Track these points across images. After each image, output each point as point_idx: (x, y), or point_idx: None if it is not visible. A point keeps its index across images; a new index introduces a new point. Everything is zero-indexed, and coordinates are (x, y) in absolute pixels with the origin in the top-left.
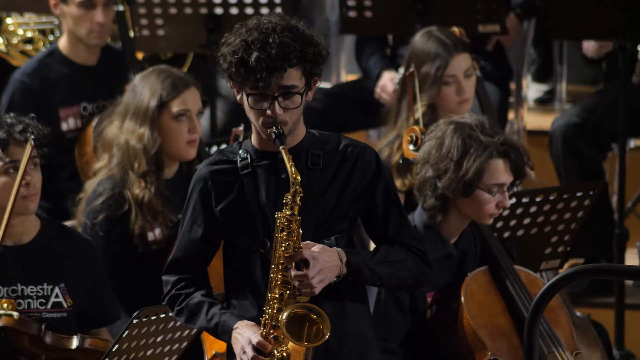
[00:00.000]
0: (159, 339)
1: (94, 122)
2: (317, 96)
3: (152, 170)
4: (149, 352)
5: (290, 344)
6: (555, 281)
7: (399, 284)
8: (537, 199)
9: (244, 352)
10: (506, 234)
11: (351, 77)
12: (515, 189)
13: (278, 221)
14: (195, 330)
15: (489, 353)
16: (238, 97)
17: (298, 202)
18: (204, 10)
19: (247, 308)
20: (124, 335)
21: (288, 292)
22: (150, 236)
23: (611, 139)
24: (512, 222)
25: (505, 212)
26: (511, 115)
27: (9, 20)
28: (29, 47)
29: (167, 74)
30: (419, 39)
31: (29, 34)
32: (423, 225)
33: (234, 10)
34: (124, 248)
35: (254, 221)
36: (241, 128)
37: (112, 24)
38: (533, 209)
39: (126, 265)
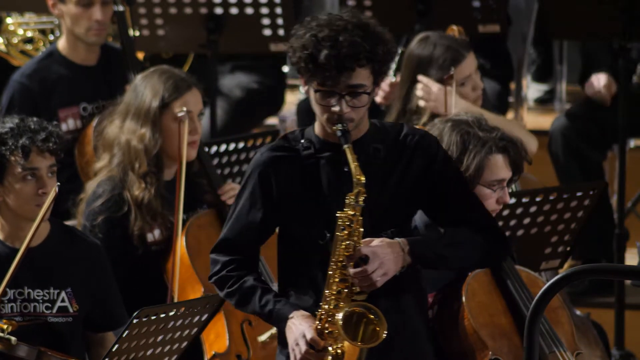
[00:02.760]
0: (159, 339)
1: (94, 122)
2: None
3: (152, 171)
4: (149, 352)
5: (346, 342)
6: (555, 281)
7: (468, 264)
8: (537, 199)
9: (297, 344)
10: (506, 234)
11: None
12: (513, 185)
13: (340, 220)
14: (195, 330)
15: (490, 353)
16: (304, 89)
17: (360, 202)
18: (204, 10)
19: (302, 298)
20: (124, 335)
21: (346, 290)
22: (150, 237)
23: (611, 138)
24: (512, 222)
25: (505, 212)
26: (511, 115)
27: (9, 20)
28: (29, 47)
29: (169, 74)
30: (418, 46)
31: (29, 34)
32: (424, 224)
33: (234, 10)
34: (123, 249)
35: (313, 212)
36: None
37: (111, 24)
38: (533, 209)
39: (126, 266)
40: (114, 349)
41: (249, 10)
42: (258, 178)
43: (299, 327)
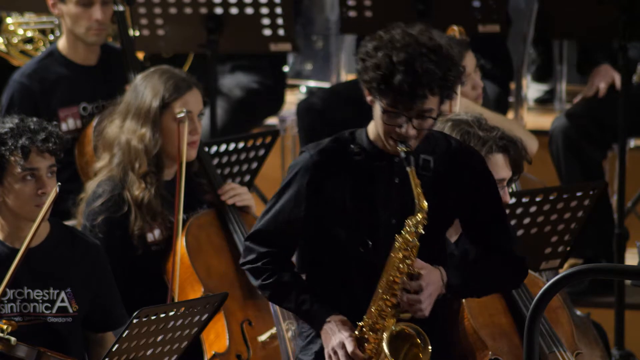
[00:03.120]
0: (159, 339)
1: (94, 122)
2: (317, 95)
3: (152, 171)
4: (149, 352)
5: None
6: (555, 281)
7: (489, 293)
8: (537, 199)
9: (335, 353)
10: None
11: (351, 77)
12: (513, 185)
13: (397, 243)
14: (195, 330)
15: (490, 352)
16: (369, 99)
17: (420, 230)
18: (204, 10)
19: (334, 301)
20: (123, 335)
21: (390, 308)
22: (150, 237)
23: (611, 138)
24: (512, 222)
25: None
26: (511, 115)
27: (9, 20)
28: (29, 47)
29: (170, 74)
30: None
31: (29, 34)
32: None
33: (234, 10)
34: (123, 249)
35: (358, 218)
36: None
37: (111, 24)
38: (533, 209)
39: (126, 266)
40: (114, 349)
41: (249, 10)
42: (306, 179)
43: (338, 335)
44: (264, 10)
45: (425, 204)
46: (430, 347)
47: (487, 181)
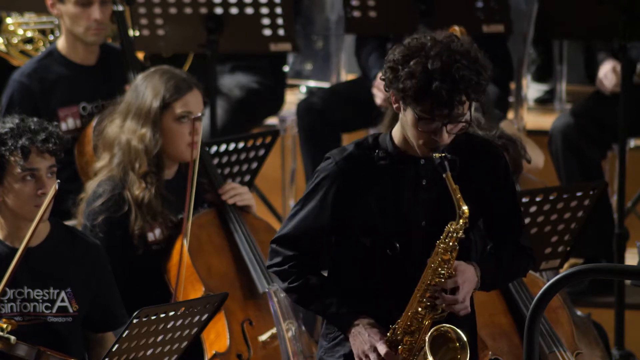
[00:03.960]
0: (159, 339)
1: (93, 122)
2: (317, 95)
3: (153, 171)
4: (149, 352)
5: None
6: (555, 281)
7: (507, 283)
8: (537, 199)
9: (366, 356)
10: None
11: (351, 77)
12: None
13: (439, 249)
14: (195, 330)
15: (490, 352)
16: (396, 106)
17: (461, 235)
18: (204, 10)
19: (363, 305)
20: (124, 335)
21: (427, 310)
22: (150, 237)
23: (611, 138)
24: None
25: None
26: (511, 115)
27: (9, 20)
28: (29, 47)
29: (170, 75)
30: None
31: (29, 34)
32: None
33: (234, 10)
34: (124, 249)
35: (387, 222)
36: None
37: (111, 24)
38: (533, 209)
39: (126, 266)
40: (114, 349)
41: (249, 10)
42: (332, 186)
43: (368, 339)
44: (264, 10)
45: (466, 209)
46: (468, 349)
47: (510, 182)
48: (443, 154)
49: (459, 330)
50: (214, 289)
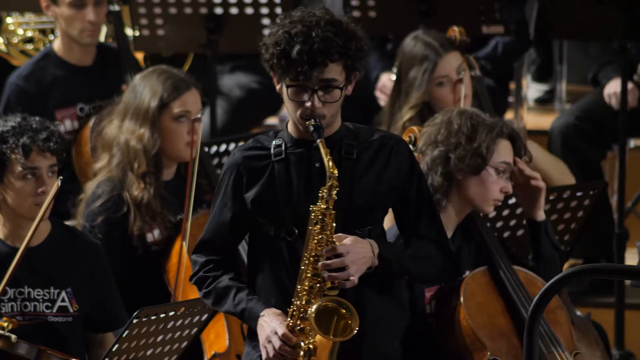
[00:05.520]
0: (159, 339)
1: (90, 123)
2: None
3: (151, 172)
4: (149, 352)
5: (318, 337)
6: (555, 281)
7: (425, 279)
8: None
9: (269, 342)
10: (506, 234)
11: None
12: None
13: (312, 214)
14: (195, 330)
15: (488, 353)
16: (277, 87)
17: (334, 196)
18: (204, 10)
19: (270, 295)
20: (123, 335)
21: (318, 285)
22: (150, 237)
23: (611, 138)
24: (512, 222)
25: (505, 212)
26: (511, 115)
27: (9, 20)
28: (29, 47)
29: (168, 74)
30: (407, 44)
31: (29, 34)
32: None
33: (234, 10)
34: (123, 250)
35: (282, 208)
36: None
37: (108, 23)
38: None
39: (126, 267)
40: (114, 349)
41: (249, 10)
42: (229, 178)
43: (270, 325)
44: (264, 10)
45: (336, 171)
46: (356, 313)
47: (414, 171)
48: (317, 121)
49: (338, 299)
50: None
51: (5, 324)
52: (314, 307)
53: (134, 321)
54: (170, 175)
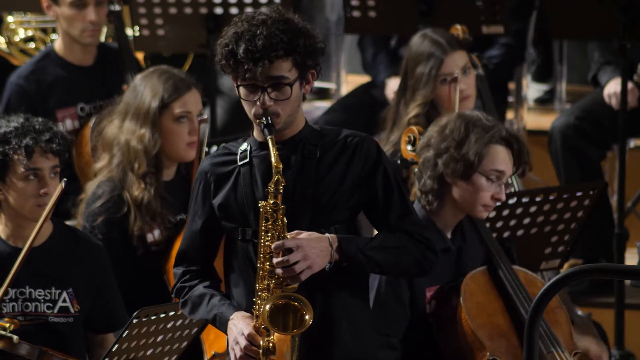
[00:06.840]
0: (159, 339)
1: (91, 122)
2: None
3: (152, 172)
4: (149, 352)
5: (276, 334)
6: (555, 281)
7: (400, 270)
8: (537, 199)
9: (237, 343)
10: (506, 234)
11: (351, 77)
12: (515, 185)
13: (262, 209)
14: (195, 330)
15: (488, 353)
16: (236, 89)
17: (280, 190)
18: (204, 10)
19: (241, 298)
20: (123, 335)
21: (274, 282)
22: (150, 237)
23: (610, 138)
24: (512, 222)
25: (505, 212)
26: (511, 115)
27: (10, 19)
28: (30, 46)
29: (169, 75)
30: (415, 42)
31: (31, 33)
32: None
33: (234, 10)
34: (123, 250)
35: (247, 211)
36: None
37: (108, 23)
38: (533, 209)
39: (126, 267)
40: (114, 349)
41: (249, 10)
42: (198, 187)
43: (238, 326)
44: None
45: (280, 165)
46: (308, 303)
47: (379, 164)
48: (267, 119)
49: (288, 294)
50: None
51: (7, 325)
52: (267, 305)
53: (134, 321)
54: (170, 176)
